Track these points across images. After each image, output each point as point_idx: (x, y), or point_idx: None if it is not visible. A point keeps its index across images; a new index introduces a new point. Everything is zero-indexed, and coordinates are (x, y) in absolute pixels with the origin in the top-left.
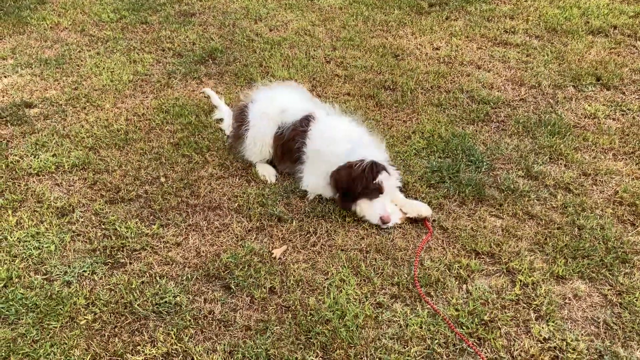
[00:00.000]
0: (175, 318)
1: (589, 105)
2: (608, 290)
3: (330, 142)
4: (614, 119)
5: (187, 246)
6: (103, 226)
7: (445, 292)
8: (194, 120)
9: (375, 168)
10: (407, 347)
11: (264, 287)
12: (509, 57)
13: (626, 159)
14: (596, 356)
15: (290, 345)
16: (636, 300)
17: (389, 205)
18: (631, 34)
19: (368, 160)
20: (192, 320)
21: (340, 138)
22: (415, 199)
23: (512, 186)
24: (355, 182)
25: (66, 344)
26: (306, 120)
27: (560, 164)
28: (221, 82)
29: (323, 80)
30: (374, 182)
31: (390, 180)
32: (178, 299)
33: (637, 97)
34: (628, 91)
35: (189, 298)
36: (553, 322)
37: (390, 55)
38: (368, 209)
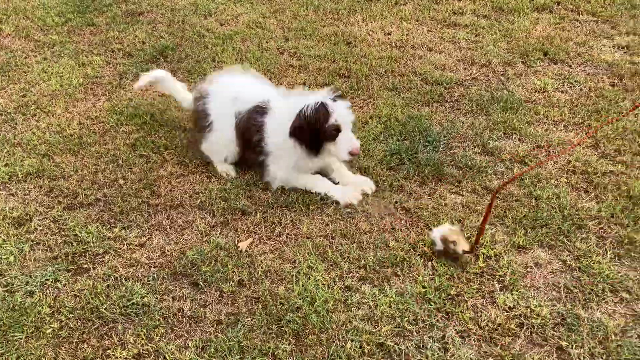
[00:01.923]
0: (144, 319)
1: (538, 80)
2: (567, 256)
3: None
4: (562, 92)
5: (151, 246)
6: (63, 233)
7: (412, 270)
8: (149, 120)
9: (323, 106)
10: (378, 326)
11: (233, 281)
12: (458, 38)
13: (577, 129)
14: (559, 320)
15: (262, 336)
16: (593, 263)
17: (353, 137)
18: (574, 8)
19: (313, 102)
20: (161, 320)
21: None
22: (377, 182)
23: (469, 163)
24: (310, 125)
25: (33, 354)
26: (261, 111)
27: (515, 138)
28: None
29: (278, 72)
30: (329, 121)
31: (343, 114)
32: (146, 299)
33: (582, 69)
34: (574, 64)
35: (156, 298)
36: (517, 291)
37: (342, 43)
38: (335, 150)
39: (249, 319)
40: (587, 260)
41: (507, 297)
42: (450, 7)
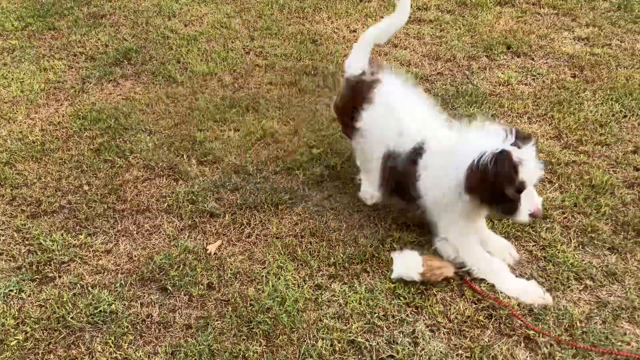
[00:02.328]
0: (112, 326)
1: (502, 73)
2: (533, 246)
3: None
4: (525, 84)
5: (118, 252)
6: (27, 242)
7: (381, 266)
8: (113, 124)
9: (509, 158)
10: (348, 324)
11: (202, 284)
12: (423, 34)
13: (540, 121)
14: (527, 310)
15: (232, 338)
16: (558, 252)
17: (535, 194)
18: (535, 2)
19: (491, 150)
20: (129, 326)
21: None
22: (345, 180)
23: None
24: (491, 181)
25: None
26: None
27: None
28: (138, 82)
29: (244, 72)
30: (516, 179)
31: (531, 167)
32: (113, 306)
33: (545, 61)
34: (537, 57)
35: (124, 304)
36: (485, 283)
37: (308, 41)
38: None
39: (219, 322)
40: (552, 250)
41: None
42: (414, 3)
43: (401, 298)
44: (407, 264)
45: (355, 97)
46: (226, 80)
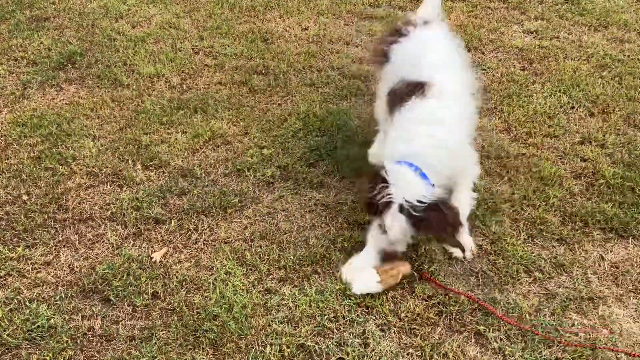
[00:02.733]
0: (51, 342)
1: None
2: (483, 240)
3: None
4: (476, 79)
5: (58, 264)
6: None
7: (332, 266)
8: (55, 130)
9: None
10: (298, 327)
11: (146, 294)
12: (375, 31)
13: (489, 115)
14: (477, 305)
15: (178, 348)
16: (507, 245)
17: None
18: None
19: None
20: (69, 341)
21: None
22: (297, 180)
23: None
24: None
25: None
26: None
27: None
28: (83, 86)
29: (192, 72)
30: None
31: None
32: (52, 321)
33: (495, 55)
34: (487, 50)
35: (64, 318)
36: (436, 279)
37: (259, 40)
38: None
39: (164, 332)
40: (501, 243)
41: (426, 286)
42: (366, 0)
43: (351, 298)
44: (364, 280)
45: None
46: (174, 82)
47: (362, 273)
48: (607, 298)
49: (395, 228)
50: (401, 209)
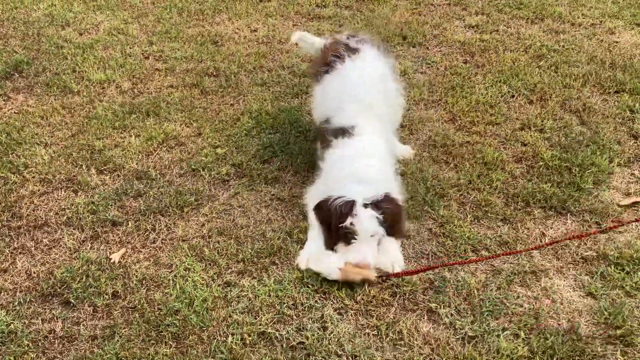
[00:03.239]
0: (12, 346)
1: (399, 63)
2: (432, 224)
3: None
4: (421, 73)
5: (15, 271)
6: None
7: (289, 257)
8: (4, 139)
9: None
10: (258, 317)
11: (106, 294)
12: (323, 30)
13: (435, 107)
14: (428, 284)
15: (141, 344)
16: (455, 227)
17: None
18: None
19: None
20: (30, 344)
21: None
22: (252, 177)
23: None
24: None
25: None
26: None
27: None
28: (31, 94)
29: (143, 77)
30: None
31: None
32: (12, 326)
33: (438, 49)
34: (431, 45)
35: (24, 323)
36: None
37: (209, 43)
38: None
39: (126, 329)
40: (450, 226)
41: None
42: (313, 1)
43: (309, 286)
44: (326, 262)
45: (325, 56)
46: (125, 87)
47: (329, 257)
48: (548, 271)
49: (365, 218)
50: (365, 205)
